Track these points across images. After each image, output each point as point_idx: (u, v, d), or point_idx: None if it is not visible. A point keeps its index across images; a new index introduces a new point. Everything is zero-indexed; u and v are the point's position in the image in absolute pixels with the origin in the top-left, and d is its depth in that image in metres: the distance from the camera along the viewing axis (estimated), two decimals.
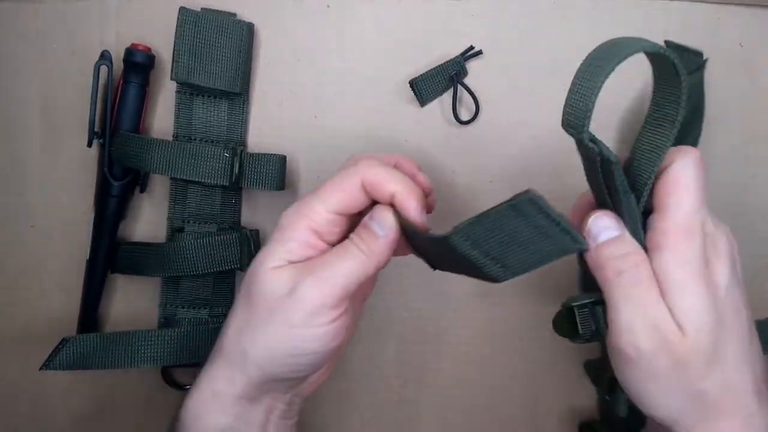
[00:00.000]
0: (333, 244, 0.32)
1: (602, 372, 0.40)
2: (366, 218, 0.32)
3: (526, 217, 0.26)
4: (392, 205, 0.32)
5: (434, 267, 0.34)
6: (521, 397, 0.44)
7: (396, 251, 0.32)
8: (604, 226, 0.30)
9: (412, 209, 0.31)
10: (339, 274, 0.31)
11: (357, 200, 0.32)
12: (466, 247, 0.28)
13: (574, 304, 0.32)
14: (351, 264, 0.31)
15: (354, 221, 0.33)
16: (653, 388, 0.29)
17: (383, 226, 0.31)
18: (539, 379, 0.44)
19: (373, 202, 0.33)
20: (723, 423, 0.29)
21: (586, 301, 0.32)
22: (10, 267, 0.43)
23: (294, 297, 0.30)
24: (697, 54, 0.42)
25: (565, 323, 0.33)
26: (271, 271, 0.31)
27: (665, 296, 0.28)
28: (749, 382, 0.30)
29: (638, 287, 0.28)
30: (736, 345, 0.29)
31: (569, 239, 0.27)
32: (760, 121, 0.44)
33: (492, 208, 0.27)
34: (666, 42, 0.41)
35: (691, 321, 0.28)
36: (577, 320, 0.32)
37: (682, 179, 0.28)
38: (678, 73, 0.27)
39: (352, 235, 0.32)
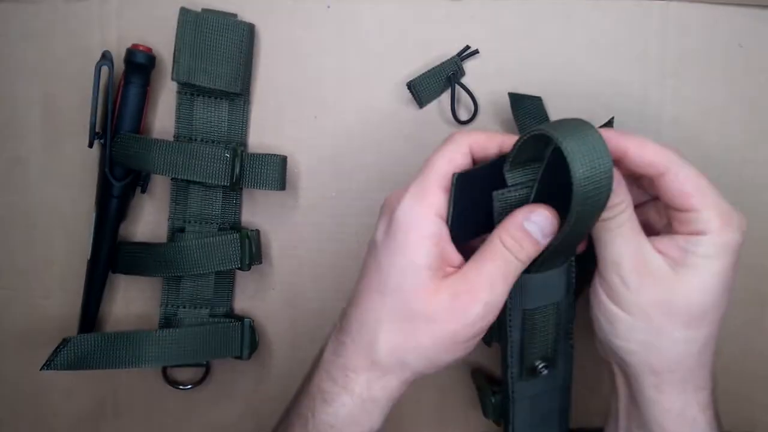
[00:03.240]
0: None
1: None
2: (518, 217, 0.31)
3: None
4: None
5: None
6: None
7: None
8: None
9: None
10: (500, 289, 0.30)
11: (463, 168, 0.32)
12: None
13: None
14: (510, 275, 0.31)
15: None
16: (640, 326, 0.31)
17: (545, 231, 0.31)
18: None
19: None
20: (703, 384, 0.32)
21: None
22: (11, 267, 0.43)
23: (461, 316, 0.30)
24: (537, 99, 0.43)
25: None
26: (433, 286, 0.30)
27: (689, 258, 0.30)
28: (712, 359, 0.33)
29: (625, 227, 0.31)
30: (715, 331, 0.32)
31: None
32: (760, 122, 0.44)
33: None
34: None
35: (701, 284, 0.30)
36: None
37: (693, 176, 0.31)
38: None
39: (502, 237, 0.31)
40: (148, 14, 0.42)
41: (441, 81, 0.43)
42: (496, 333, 0.37)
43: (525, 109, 0.42)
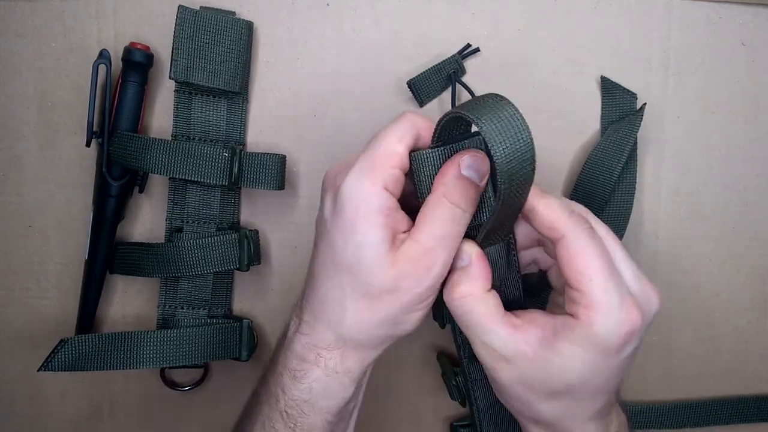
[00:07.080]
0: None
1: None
2: (452, 168, 0.30)
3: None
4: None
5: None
6: None
7: None
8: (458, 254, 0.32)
9: None
10: (452, 245, 0.30)
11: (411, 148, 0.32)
12: None
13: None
14: (461, 228, 0.30)
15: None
16: (506, 390, 0.32)
17: (481, 171, 0.30)
18: None
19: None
20: None
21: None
22: (8, 267, 0.43)
23: (423, 279, 0.30)
24: (631, 95, 0.43)
25: None
26: (390, 260, 0.30)
27: (556, 341, 0.29)
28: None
29: (471, 315, 0.31)
30: (592, 399, 0.31)
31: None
32: (762, 120, 0.44)
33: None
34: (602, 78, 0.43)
35: (563, 367, 0.29)
36: None
37: (583, 253, 0.29)
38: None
39: (446, 194, 0.30)
40: (146, 12, 0.42)
41: (441, 79, 0.42)
42: (447, 314, 0.38)
43: (614, 98, 0.43)
